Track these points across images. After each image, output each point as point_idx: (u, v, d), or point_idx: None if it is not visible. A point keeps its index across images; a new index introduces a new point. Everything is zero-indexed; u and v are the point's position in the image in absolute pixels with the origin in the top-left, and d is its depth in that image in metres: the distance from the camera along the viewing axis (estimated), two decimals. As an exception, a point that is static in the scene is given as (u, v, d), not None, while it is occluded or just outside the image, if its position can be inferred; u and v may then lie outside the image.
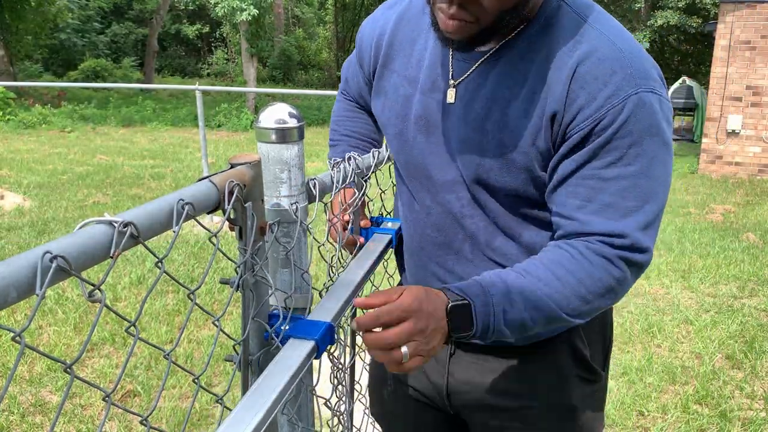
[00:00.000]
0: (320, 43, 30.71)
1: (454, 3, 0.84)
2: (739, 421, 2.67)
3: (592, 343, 1.13)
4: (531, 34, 0.92)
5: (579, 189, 0.89)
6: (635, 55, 0.88)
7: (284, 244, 0.92)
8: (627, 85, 0.86)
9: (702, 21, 18.86)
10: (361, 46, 1.15)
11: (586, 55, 0.88)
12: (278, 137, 0.87)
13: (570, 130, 0.89)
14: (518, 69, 0.93)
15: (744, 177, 8.53)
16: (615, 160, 0.87)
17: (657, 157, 0.87)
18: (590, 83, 0.87)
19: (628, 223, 0.87)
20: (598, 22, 0.91)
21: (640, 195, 0.87)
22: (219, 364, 3.03)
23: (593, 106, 0.86)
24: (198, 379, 0.72)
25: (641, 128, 0.86)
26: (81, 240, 0.55)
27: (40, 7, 17.51)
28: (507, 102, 0.93)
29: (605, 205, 0.87)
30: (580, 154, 0.88)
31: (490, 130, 0.95)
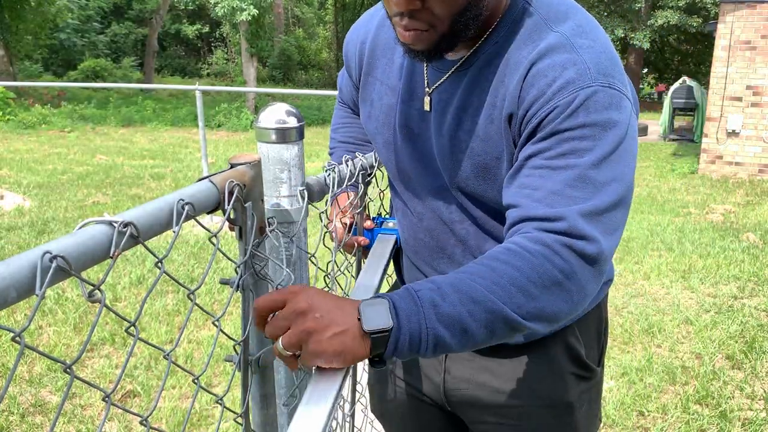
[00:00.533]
0: (320, 43, 30.72)
1: (405, 14, 0.83)
2: (739, 421, 2.67)
3: (587, 341, 1.14)
4: (497, 40, 0.91)
5: (527, 179, 0.85)
6: (594, 54, 0.85)
7: (284, 244, 0.92)
8: (579, 79, 0.83)
9: (702, 21, 18.86)
10: (347, 55, 1.15)
11: (539, 55, 0.86)
12: (278, 137, 0.87)
13: (523, 125, 0.87)
14: (484, 75, 0.92)
15: (744, 177, 8.53)
16: (566, 152, 0.83)
17: (612, 152, 0.83)
18: (540, 80, 0.85)
19: (570, 209, 0.80)
20: (561, 23, 0.88)
21: (590, 187, 0.81)
22: (219, 365, 3.03)
23: (542, 99, 0.84)
24: (198, 380, 0.72)
25: (594, 121, 0.82)
26: (81, 240, 0.55)
27: (40, 7, 17.51)
28: (476, 110, 0.93)
29: (551, 192, 0.82)
30: (530, 146, 0.86)
31: (463, 139, 0.95)
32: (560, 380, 1.12)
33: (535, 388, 1.11)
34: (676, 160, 10.15)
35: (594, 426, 1.20)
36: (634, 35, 19.89)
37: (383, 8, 1.07)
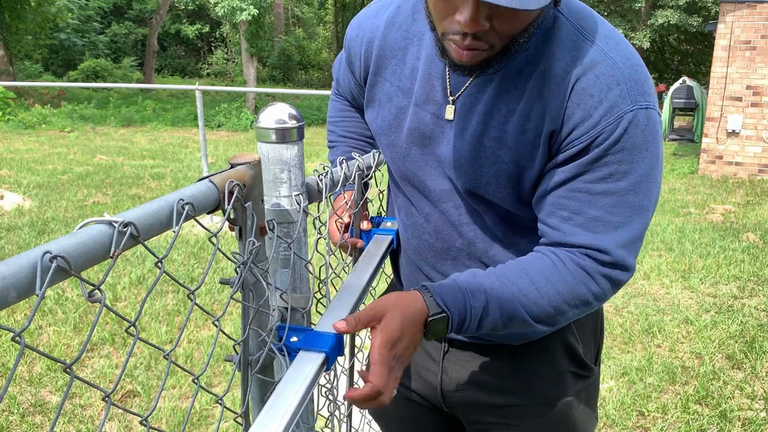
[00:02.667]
0: (320, 43, 30.72)
1: (468, 35, 0.82)
2: (739, 421, 2.67)
3: (585, 340, 1.15)
4: (528, 48, 0.90)
5: (567, 201, 0.89)
6: (631, 69, 0.88)
7: (284, 244, 0.92)
8: (622, 102, 0.86)
9: (702, 20, 18.86)
10: (350, 51, 1.12)
11: (583, 71, 0.87)
12: (278, 137, 0.87)
13: (565, 144, 0.89)
14: (515, 84, 0.92)
15: (744, 177, 8.53)
16: (605, 176, 0.87)
17: (647, 173, 0.88)
18: (586, 100, 0.87)
19: (613, 239, 0.88)
20: (595, 34, 0.90)
21: (628, 211, 0.88)
22: (219, 365, 3.03)
23: (588, 123, 0.87)
24: (198, 380, 0.72)
25: (633, 145, 0.86)
26: (81, 240, 0.55)
27: (40, 7, 17.50)
28: (504, 118, 0.93)
29: (592, 219, 0.88)
30: (572, 167, 0.89)
31: (488, 146, 0.94)
32: (559, 379, 1.12)
33: (534, 387, 1.12)
34: (676, 160, 10.15)
35: (591, 424, 1.20)
36: (634, 35, 19.89)
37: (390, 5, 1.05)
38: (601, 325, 1.22)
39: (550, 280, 0.88)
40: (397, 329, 0.82)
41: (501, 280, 0.89)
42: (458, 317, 0.86)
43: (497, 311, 0.87)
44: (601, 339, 1.21)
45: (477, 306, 0.87)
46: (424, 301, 0.86)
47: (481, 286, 0.88)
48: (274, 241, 0.91)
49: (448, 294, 0.87)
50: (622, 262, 0.89)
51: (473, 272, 0.91)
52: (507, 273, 0.90)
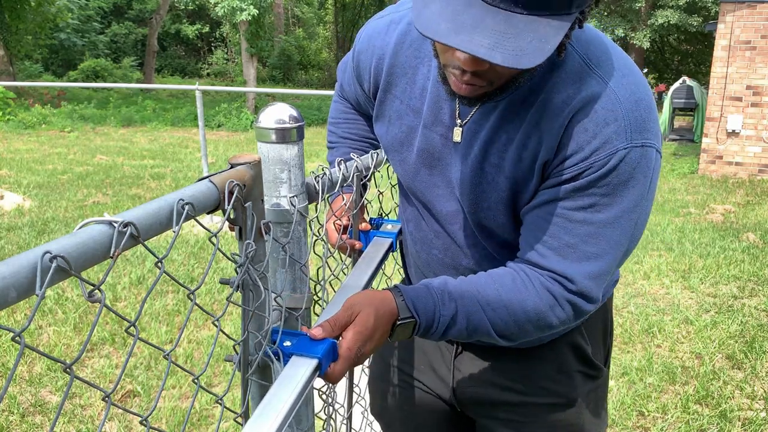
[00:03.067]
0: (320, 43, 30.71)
1: (467, 72, 0.81)
2: (739, 421, 2.67)
3: (594, 340, 1.16)
4: (532, 77, 0.89)
5: (546, 223, 0.90)
6: (634, 104, 0.86)
7: (284, 244, 0.92)
8: (617, 139, 0.85)
9: (702, 20, 18.86)
10: (359, 64, 1.11)
11: (581, 104, 0.86)
12: (278, 137, 0.87)
13: (555, 171, 0.89)
14: (517, 112, 0.91)
15: (744, 177, 8.53)
16: (586, 206, 0.87)
17: (629, 210, 0.87)
18: (580, 134, 0.86)
19: (581, 269, 0.88)
20: (602, 66, 0.88)
21: (603, 244, 0.88)
22: (219, 365, 3.03)
23: (580, 155, 0.86)
24: (198, 380, 0.72)
25: (620, 181, 0.86)
26: (81, 240, 0.55)
27: (40, 7, 17.50)
28: (504, 146, 0.93)
29: (565, 245, 0.88)
30: (556, 190, 0.89)
31: (488, 172, 0.95)
32: (568, 378, 1.13)
33: (543, 386, 1.13)
34: (676, 160, 10.15)
35: (601, 427, 1.21)
36: (634, 35, 19.89)
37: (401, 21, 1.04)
38: (611, 327, 1.22)
39: (519, 298, 0.89)
40: (371, 328, 0.82)
41: (472, 291, 0.89)
42: (426, 323, 0.87)
43: (464, 322, 0.88)
44: (610, 340, 1.22)
45: (446, 314, 0.87)
46: (396, 303, 0.86)
47: (452, 296, 0.89)
48: (270, 242, 0.91)
49: (419, 299, 0.87)
50: (587, 293, 0.89)
51: (445, 280, 0.91)
52: (478, 285, 0.90)
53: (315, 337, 0.81)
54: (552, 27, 0.73)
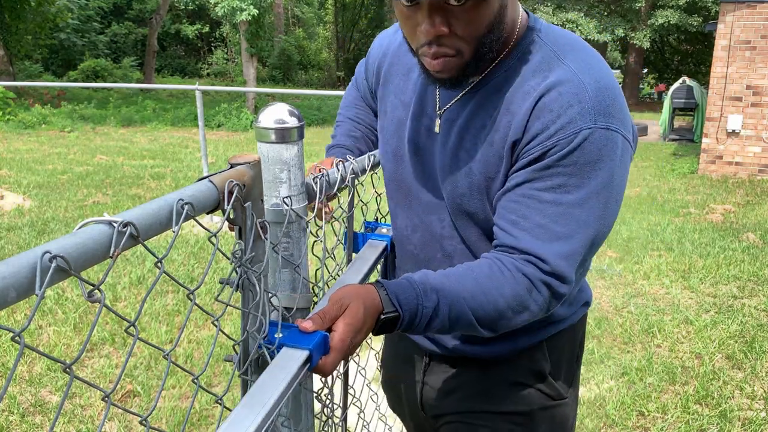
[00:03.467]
0: (320, 43, 30.70)
1: (432, 42, 0.89)
2: (739, 421, 2.67)
3: (556, 360, 1.16)
4: (507, 68, 0.96)
5: (517, 205, 0.93)
6: (599, 92, 0.90)
7: (284, 244, 0.92)
8: (580, 119, 0.88)
9: (702, 20, 18.86)
10: (370, 59, 1.23)
11: (548, 88, 0.91)
12: (278, 137, 0.87)
13: (523, 152, 0.93)
14: (491, 100, 0.97)
15: (744, 177, 8.53)
16: (555, 186, 0.90)
17: (596, 191, 0.90)
18: (546, 114, 0.90)
19: (553, 248, 0.90)
20: (571, 57, 0.93)
21: (573, 224, 0.90)
22: (219, 365, 3.03)
23: (545, 134, 0.90)
24: (197, 379, 0.72)
25: (586, 161, 0.89)
26: (80, 240, 0.55)
27: (40, 7, 17.51)
28: (477, 131, 0.98)
29: (537, 225, 0.91)
30: (525, 172, 0.92)
31: (462, 159, 1.00)
32: (520, 392, 1.15)
33: (494, 395, 1.16)
34: (676, 160, 10.15)
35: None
36: (634, 35, 19.88)
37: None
38: (579, 352, 1.23)
39: (496, 285, 0.91)
40: (361, 319, 0.83)
41: (452, 282, 0.91)
42: (409, 317, 0.88)
43: (446, 313, 0.89)
44: (576, 366, 1.23)
45: (428, 307, 0.89)
46: (379, 297, 0.87)
47: (433, 287, 0.90)
48: (269, 242, 0.91)
49: (401, 293, 0.88)
50: (560, 272, 0.91)
51: (425, 273, 0.93)
52: (457, 276, 0.92)
53: (306, 330, 0.81)
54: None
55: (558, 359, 1.16)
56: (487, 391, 1.16)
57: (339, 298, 0.85)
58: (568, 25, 19.23)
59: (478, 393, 1.17)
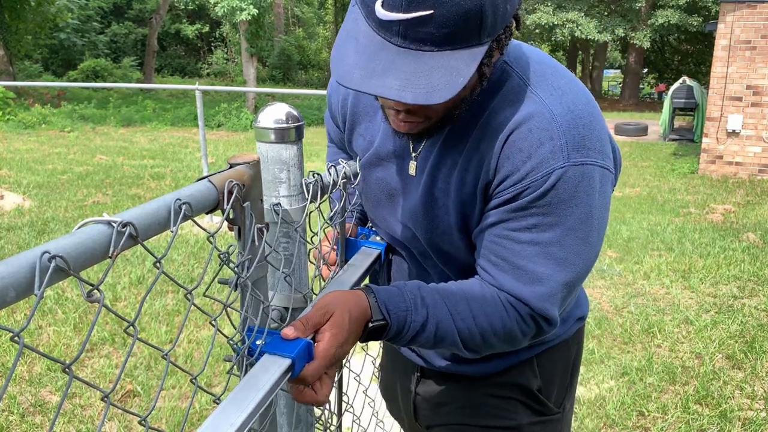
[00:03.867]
0: (320, 43, 30.70)
1: (401, 112, 0.86)
2: (740, 421, 2.66)
3: (547, 376, 1.14)
4: (474, 103, 0.91)
5: (495, 246, 0.90)
6: (572, 122, 0.85)
7: (283, 244, 0.92)
8: (552, 158, 0.84)
9: (702, 20, 18.86)
10: (331, 105, 1.18)
11: (517, 125, 0.86)
12: (277, 137, 0.87)
13: (495, 193, 0.90)
14: (459, 135, 0.93)
15: (744, 177, 8.53)
16: (531, 226, 0.87)
17: (574, 228, 0.87)
18: (515, 155, 0.86)
19: (534, 291, 0.88)
20: (542, 87, 0.88)
21: (551, 264, 0.87)
22: (219, 364, 3.03)
23: (516, 176, 0.86)
24: (196, 379, 0.72)
25: (560, 200, 0.85)
26: (80, 240, 0.55)
27: (40, 7, 17.50)
28: (449, 170, 0.95)
29: (516, 268, 0.89)
30: (498, 212, 0.89)
31: (438, 197, 0.97)
32: (506, 406, 1.14)
33: (486, 410, 1.15)
34: (676, 160, 10.15)
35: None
36: (634, 35, 19.88)
37: None
38: (573, 369, 1.20)
39: (486, 312, 0.89)
40: (346, 329, 0.81)
41: (444, 300, 0.89)
42: (397, 327, 0.86)
43: (433, 330, 0.88)
44: (570, 383, 1.20)
45: (417, 321, 0.87)
46: (368, 304, 0.85)
47: (424, 301, 0.88)
48: (262, 243, 0.91)
49: (392, 302, 0.86)
50: (544, 313, 0.89)
51: (419, 285, 0.91)
52: (449, 294, 0.90)
53: (287, 337, 0.78)
54: (463, 59, 0.74)
55: (549, 376, 1.14)
56: (475, 406, 1.16)
57: (324, 304, 0.82)
58: (568, 25, 19.24)
59: (467, 407, 1.16)
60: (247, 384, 0.70)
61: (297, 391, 0.79)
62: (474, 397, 1.15)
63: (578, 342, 1.20)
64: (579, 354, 1.21)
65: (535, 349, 1.11)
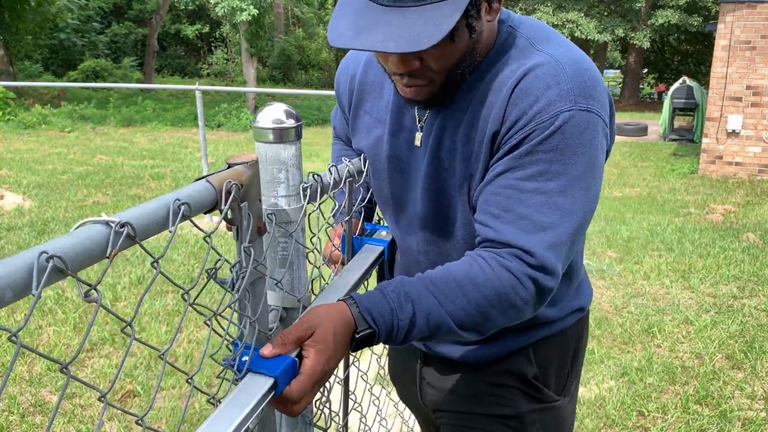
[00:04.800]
0: (320, 43, 30.67)
1: (404, 74, 0.89)
2: (739, 421, 2.66)
3: (544, 363, 1.14)
4: (480, 66, 0.94)
5: (498, 198, 0.89)
6: (577, 72, 0.88)
7: (282, 244, 0.92)
8: (560, 101, 0.85)
9: (702, 20, 18.85)
10: (338, 90, 1.20)
11: (524, 73, 0.89)
12: (275, 137, 0.87)
13: (503, 142, 0.90)
14: (465, 98, 0.96)
15: (744, 177, 8.53)
16: (536, 174, 0.87)
17: (579, 177, 0.87)
18: (523, 99, 0.88)
19: (538, 239, 0.87)
20: (547, 45, 0.91)
21: (556, 212, 0.87)
22: (219, 365, 3.03)
23: (523, 119, 0.87)
24: (192, 379, 0.72)
25: (567, 145, 0.85)
26: (78, 240, 0.55)
27: (40, 7, 17.50)
28: (454, 129, 0.97)
29: (520, 217, 0.88)
30: (505, 161, 0.89)
31: (444, 158, 0.99)
32: (505, 392, 1.14)
33: (480, 397, 1.16)
34: (676, 160, 10.14)
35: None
36: (634, 35, 19.87)
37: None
38: (573, 356, 1.19)
39: (477, 284, 0.87)
40: (331, 345, 0.80)
41: (428, 288, 0.87)
42: (385, 332, 0.85)
43: (424, 324, 0.86)
44: (570, 371, 1.19)
45: (404, 319, 0.85)
46: (352, 315, 0.84)
47: (408, 296, 0.86)
48: (271, 241, 0.91)
49: (375, 308, 0.85)
50: (547, 264, 0.87)
51: (401, 281, 0.89)
52: (435, 280, 0.88)
53: (264, 355, 0.77)
54: (446, 11, 0.79)
55: (545, 364, 1.14)
56: (476, 395, 1.16)
57: (307, 320, 0.81)
58: (568, 25, 19.24)
59: (469, 395, 1.17)
60: (231, 402, 0.71)
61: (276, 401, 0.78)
62: (475, 384, 1.16)
63: (577, 335, 1.19)
64: (579, 347, 1.20)
65: (533, 334, 1.11)
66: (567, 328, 1.16)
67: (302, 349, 0.80)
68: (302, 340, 0.80)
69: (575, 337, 1.19)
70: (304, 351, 0.79)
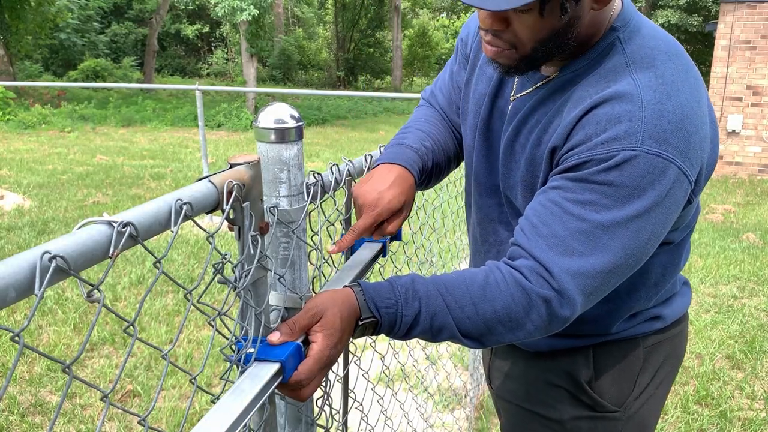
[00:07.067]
0: (320, 43, 30.70)
1: (489, 32, 0.88)
2: (739, 421, 2.66)
3: (603, 371, 1.09)
4: (577, 68, 0.92)
5: (542, 209, 0.88)
6: (658, 114, 0.82)
7: (283, 244, 0.92)
8: (625, 139, 0.82)
9: (702, 20, 18.86)
10: (457, 49, 1.20)
11: (602, 99, 0.85)
12: (277, 137, 0.87)
13: (561, 160, 0.90)
14: (553, 99, 0.94)
15: (744, 177, 8.53)
16: (585, 202, 0.84)
17: (628, 219, 0.83)
18: (592, 125, 0.85)
19: (563, 263, 0.84)
20: (645, 72, 0.86)
21: (591, 245, 0.83)
22: (219, 365, 3.03)
23: (586, 145, 0.85)
24: (195, 379, 0.72)
25: (623, 184, 0.82)
26: (80, 240, 0.55)
27: (40, 7, 17.49)
28: (531, 128, 0.97)
29: (554, 234, 0.85)
30: (560, 178, 0.88)
31: (516, 151, 1.00)
32: (554, 392, 1.12)
33: (529, 392, 1.16)
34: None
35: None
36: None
37: None
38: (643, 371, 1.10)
39: (489, 297, 0.86)
40: (339, 330, 0.81)
41: (440, 290, 0.87)
42: (388, 323, 0.86)
43: (428, 322, 0.86)
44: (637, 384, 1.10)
45: (408, 315, 0.85)
46: (357, 301, 0.85)
47: (416, 294, 0.86)
48: (273, 241, 0.91)
49: (381, 299, 0.85)
50: (565, 290, 0.84)
51: (413, 277, 0.89)
52: (447, 284, 0.88)
53: (272, 342, 0.78)
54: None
55: (604, 369, 1.08)
56: (527, 389, 1.16)
57: (313, 306, 0.82)
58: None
59: (522, 389, 1.18)
60: (236, 389, 0.71)
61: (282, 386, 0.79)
62: (528, 378, 1.16)
63: (658, 348, 1.10)
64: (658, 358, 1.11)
65: (594, 338, 1.07)
66: (639, 336, 1.09)
67: (308, 334, 0.81)
68: (309, 327, 0.81)
69: (652, 349, 1.10)
70: (312, 336, 0.80)
